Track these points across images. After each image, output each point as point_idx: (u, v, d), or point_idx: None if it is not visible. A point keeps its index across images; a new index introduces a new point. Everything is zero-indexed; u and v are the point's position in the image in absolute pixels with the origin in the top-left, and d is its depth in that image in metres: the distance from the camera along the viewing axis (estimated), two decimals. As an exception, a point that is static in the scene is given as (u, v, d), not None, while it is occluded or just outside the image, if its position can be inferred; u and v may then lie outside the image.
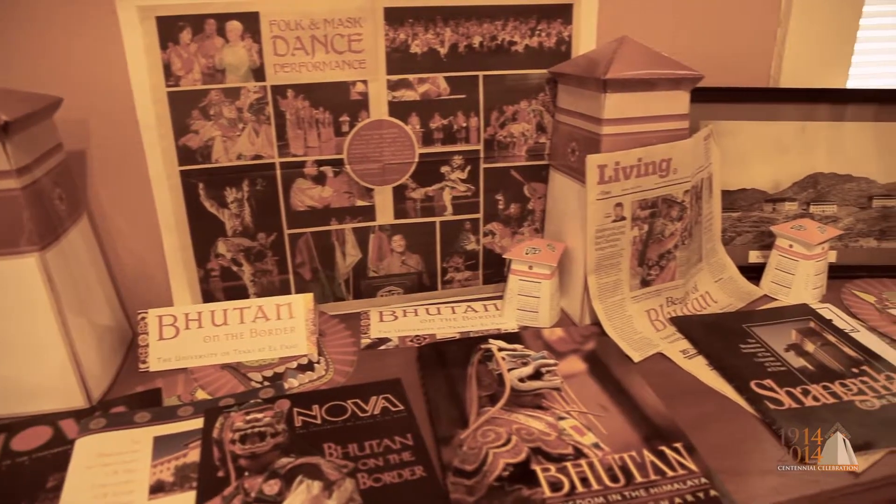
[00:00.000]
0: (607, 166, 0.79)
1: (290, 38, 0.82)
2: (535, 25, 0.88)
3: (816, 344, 0.82)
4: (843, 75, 1.09)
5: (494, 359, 0.76)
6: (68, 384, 0.72)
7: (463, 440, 0.63)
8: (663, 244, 0.86)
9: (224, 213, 0.87)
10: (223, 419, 0.68)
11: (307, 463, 0.62)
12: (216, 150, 0.84)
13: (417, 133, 0.89)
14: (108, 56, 0.80)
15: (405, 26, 0.84)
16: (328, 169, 0.88)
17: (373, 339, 0.85)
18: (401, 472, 0.61)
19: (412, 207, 0.92)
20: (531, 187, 0.95)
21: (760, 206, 1.01)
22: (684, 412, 0.69)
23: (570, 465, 0.60)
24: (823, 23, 1.04)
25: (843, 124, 1.00)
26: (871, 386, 0.73)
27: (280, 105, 0.84)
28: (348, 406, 0.70)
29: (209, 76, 0.81)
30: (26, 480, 0.62)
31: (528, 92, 0.91)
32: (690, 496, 0.56)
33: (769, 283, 0.96)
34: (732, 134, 0.99)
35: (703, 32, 1.00)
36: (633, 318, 0.84)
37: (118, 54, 0.79)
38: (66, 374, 0.72)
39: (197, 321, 0.82)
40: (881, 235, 1.02)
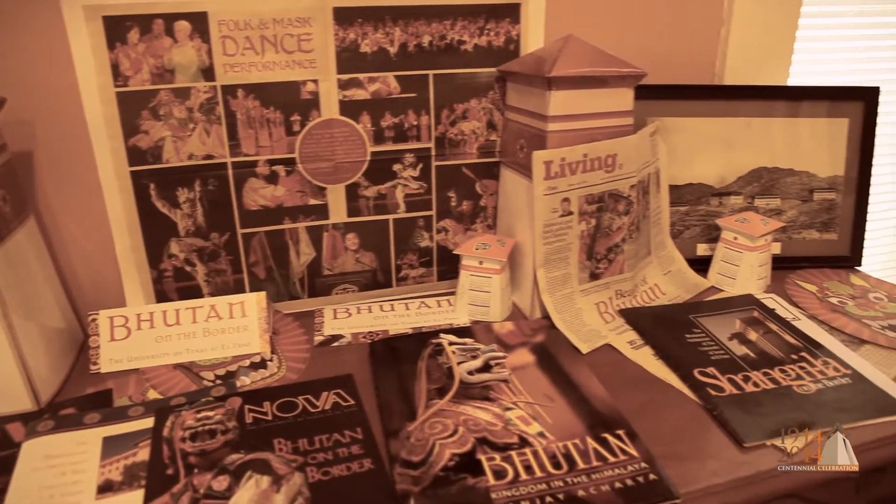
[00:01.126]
0: (553, 162, 0.81)
1: (239, 37, 0.82)
2: (483, 25, 0.89)
3: (759, 332, 0.84)
4: (784, 72, 1.12)
5: (445, 352, 0.77)
6: (15, 387, 0.71)
7: (410, 432, 0.64)
8: (611, 238, 0.88)
9: (176, 213, 0.87)
10: (174, 418, 0.68)
11: (256, 458, 0.62)
12: (167, 151, 0.84)
13: (369, 132, 0.89)
14: (54, 56, 0.80)
15: (355, 26, 0.85)
16: (280, 168, 0.88)
17: (326, 337, 0.86)
18: (349, 466, 0.61)
19: (365, 205, 0.93)
20: (483, 184, 0.96)
21: (707, 200, 1.04)
22: (630, 400, 0.71)
23: (515, 453, 0.61)
24: (764, 22, 1.07)
25: (785, 120, 1.03)
26: (808, 371, 0.76)
27: (231, 105, 0.84)
28: (299, 402, 0.71)
29: (158, 76, 0.81)
30: (-29, 484, 0.61)
31: (478, 90, 0.92)
32: (630, 480, 0.58)
33: (716, 274, 0.99)
34: (679, 130, 1.02)
35: (649, 31, 1.03)
36: (582, 311, 0.86)
37: (64, 54, 0.78)
38: (12, 378, 0.71)
39: (149, 321, 0.82)
40: (822, 227, 1.05)
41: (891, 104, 1.33)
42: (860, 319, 0.89)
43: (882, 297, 0.96)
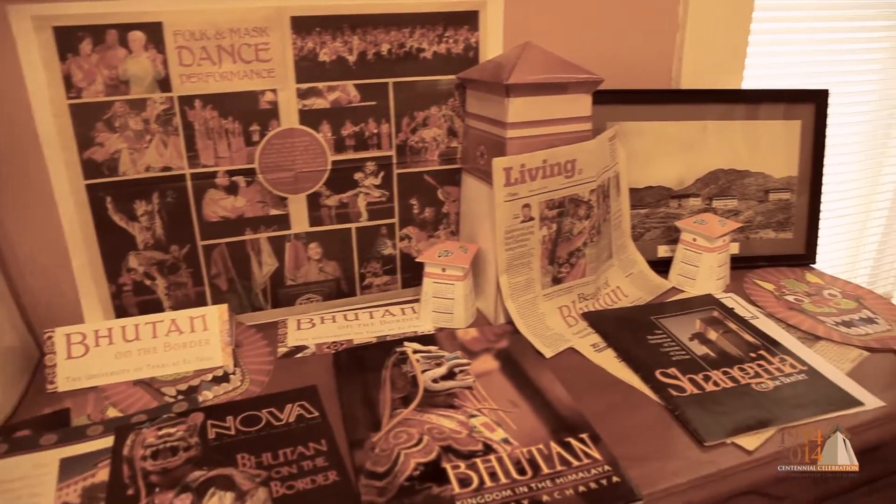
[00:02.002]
0: (513, 168, 0.81)
1: (195, 47, 0.81)
2: (442, 32, 0.90)
3: (719, 332, 0.86)
4: (738, 76, 1.15)
5: (409, 361, 0.77)
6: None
7: (375, 443, 0.64)
8: (572, 242, 0.88)
9: (134, 226, 0.85)
10: (134, 436, 0.67)
11: (220, 475, 0.62)
12: (123, 163, 0.83)
13: (329, 140, 0.89)
14: (4, 68, 0.78)
15: (313, 35, 0.85)
16: (240, 179, 0.87)
17: (290, 348, 0.85)
18: (314, 478, 0.61)
19: (327, 214, 0.92)
20: (445, 191, 0.97)
21: (667, 202, 1.06)
22: (593, 403, 0.72)
23: (480, 461, 0.61)
24: (718, 27, 1.09)
25: (741, 123, 1.06)
26: (766, 369, 0.78)
27: (188, 116, 0.83)
28: (263, 416, 0.70)
29: (113, 87, 0.80)
30: (-78, 512, 0.60)
31: (438, 97, 0.92)
32: (594, 483, 0.59)
33: (676, 275, 1.01)
34: (638, 134, 1.03)
35: (606, 37, 1.04)
36: (545, 316, 0.87)
37: (13, 66, 0.76)
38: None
39: (107, 338, 0.80)
40: (778, 227, 1.08)
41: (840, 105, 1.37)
42: (815, 316, 0.91)
43: (836, 293, 0.98)
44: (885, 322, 0.90)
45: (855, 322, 0.90)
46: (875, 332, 0.87)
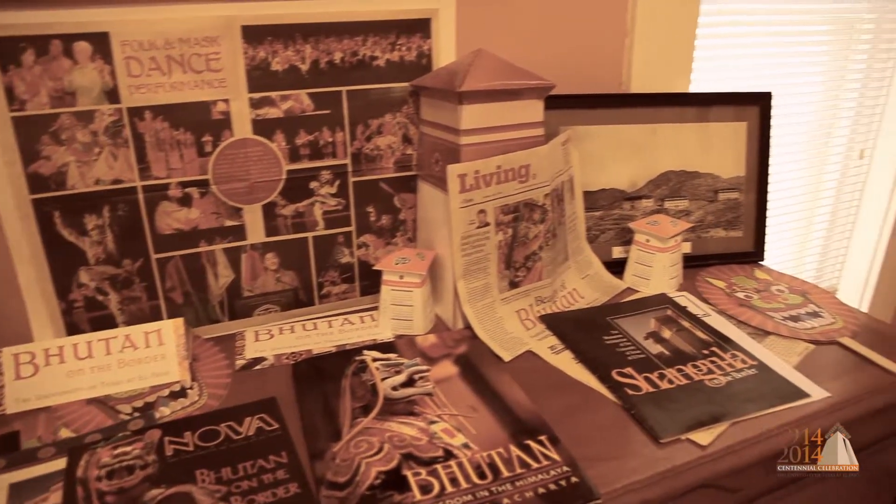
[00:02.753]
0: (468, 175, 0.82)
1: (144, 58, 0.80)
2: (395, 40, 0.90)
3: (672, 330, 0.88)
4: (686, 79, 1.18)
5: (368, 369, 0.77)
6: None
7: (336, 453, 0.64)
8: (528, 246, 0.90)
9: (85, 241, 0.84)
10: (88, 456, 0.66)
11: (178, 492, 0.61)
12: (71, 177, 0.81)
13: (283, 150, 0.89)
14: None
15: (264, 44, 0.84)
16: (193, 190, 0.86)
17: (248, 360, 0.84)
18: (275, 491, 0.61)
19: (283, 224, 0.92)
20: (401, 198, 0.97)
21: (620, 204, 1.08)
22: (552, 405, 0.73)
23: (441, 467, 0.62)
24: (665, 32, 1.12)
25: (689, 125, 1.08)
26: (718, 365, 0.80)
27: (138, 127, 0.82)
28: (222, 430, 0.69)
29: (58, 99, 0.78)
30: None
31: (393, 105, 0.93)
32: (553, 485, 0.60)
33: (631, 276, 1.03)
34: (590, 138, 1.05)
35: (557, 43, 1.05)
36: (503, 320, 0.88)
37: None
38: None
39: (58, 356, 0.78)
40: (728, 226, 1.11)
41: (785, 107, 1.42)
42: (764, 312, 0.94)
43: (783, 289, 1.01)
44: (830, 315, 0.93)
45: (801, 316, 0.93)
46: (820, 326, 0.90)
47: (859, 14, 1.47)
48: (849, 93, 1.53)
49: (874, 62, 1.52)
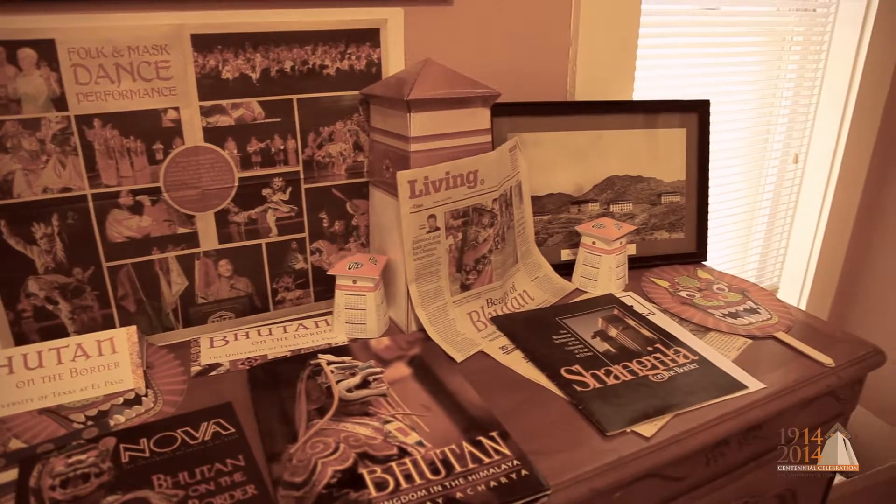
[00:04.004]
0: (417, 181, 0.84)
1: (92, 66, 0.80)
2: (344, 49, 0.92)
3: (619, 329, 0.91)
4: (629, 88, 1.22)
5: (323, 372, 0.78)
6: None
7: (292, 454, 0.65)
8: (478, 250, 0.92)
9: (33, 249, 0.83)
10: (41, 466, 0.65)
11: (135, 498, 0.61)
12: (18, 185, 0.80)
13: (235, 157, 0.89)
14: None
15: (214, 53, 0.85)
16: (145, 198, 0.86)
17: (203, 366, 0.85)
18: (232, 494, 0.61)
19: (236, 231, 0.92)
20: (353, 204, 0.99)
21: (567, 208, 1.11)
22: (503, 403, 0.75)
23: (395, 464, 0.63)
24: (607, 42, 1.16)
25: (632, 131, 1.13)
26: (662, 361, 0.84)
27: (87, 135, 0.82)
28: (178, 435, 0.70)
29: (3, 106, 0.77)
30: None
31: (343, 113, 0.94)
32: (504, 478, 0.62)
33: (579, 277, 1.06)
34: (537, 144, 1.08)
35: (504, 53, 1.08)
36: (455, 321, 0.90)
37: None
38: None
39: (7, 367, 0.77)
40: (671, 228, 1.16)
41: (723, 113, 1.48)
42: (705, 309, 0.98)
43: (724, 287, 1.06)
44: (766, 312, 0.98)
45: (740, 313, 0.97)
46: (757, 322, 0.95)
47: (790, 27, 1.54)
48: (783, 100, 1.61)
49: (805, 71, 1.60)
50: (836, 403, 0.88)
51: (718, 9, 1.43)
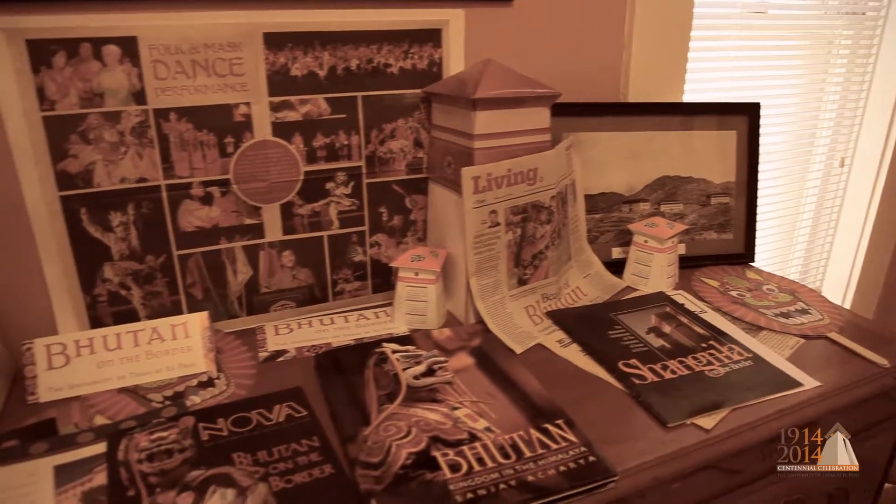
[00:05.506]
0: (481, 177, 0.86)
1: (170, 61, 0.83)
2: (408, 49, 0.94)
3: (672, 325, 0.93)
4: (679, 90, 1.24)
5: (389, 360, 0.81)
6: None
7: (367, 436, 0.67)
8: (535, 245, 0.94)
9: (110, 237, 0.86)
10: (127, 441, 0.69)
11: (218, 473, 0.64)
12: (98, 175, 0.84)
13: (301, 152, 0.92)
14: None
15: (285, 50, 0.88)
16: (215, 189, 0.89)
17: (270, 352, 0.88)
18: (311, 472, 0.64)
19: (300, 223, 0.95)
20: (412, 199, 1.01)
21: (619, 207, 1.13)
22: (563, 394, 0.77)
23: (467, 448, 0.66)
24: (660, 45, 1.18)
25: (683, 133, 1.14)
26: (717, 357, 0.85)
27: (163, 128, 0.85)
28: (253, 416, 0.73)
29: (87, 100, 0.81)
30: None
31: (405, 110, 0.97)
32: (573, 463, 0.64)
33: (630, 275, 1.08)
34: (591, 144, 1.10)
35: (559, 54, 1.10)
36: (513, 315, 0.92)
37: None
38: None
39: (88, 347, 0.81)
40: (720, 228, 1.17)
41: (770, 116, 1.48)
42: (757, 309, 0.99)
43: (773, 288, 1.07)
44: (818, 312, 0.98)
45: (791, 313, 0.98)
46: (809, 322, 0.95)
47: (837, 30, 1.54)
48: (829, 104, 1.60)
49: (852, 75, 1.60)
50: (889, 404, 0.89)
51: (766, 12, 1.44)
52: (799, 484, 0.85)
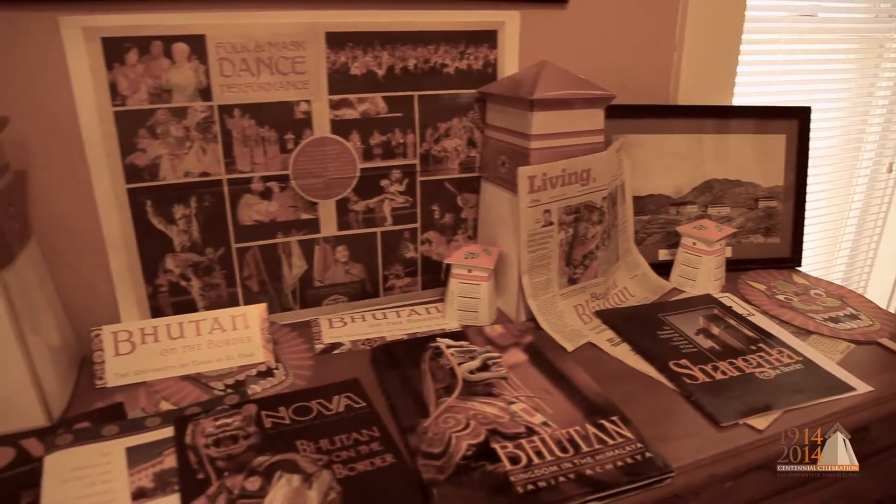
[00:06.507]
0: (536, 177, 0.88)
1: (235, 59, 0.86)
2: (464, 49, 0.96)
3: (720, 327, 0.93)
4: (729, 93, 1.24)
5: (444, 355, 0.83)
6: (28, 403, 0.72)
7: (427, 427, 0.69)
8: (586, 245, 0.95)
9: (172, 229, 0.89)
10: (193, 426, 0.71)
11: (283, 459, 0.66)
12: (164, 168, 0.86)
13: (358, 149, 0.94)
14: (52, 76, 0.80)
15: (345, 49, 0.90)
16: (274, 184, 0.92)
17: (326, 345, 0.90)
18: (373, 461, 0.66)
19: (354, 219, 0.97)
20: (464, 198, 1.03)
21: (666, 209, 1.14)
22: (615, 391, 0.78)
23: (525, 441, 0.67)
24: (711, 48, 1.18)
25: (732, 136, 1.14)
26: (766, 360, 0.85)
27: (227, 124, 0.87)
28: (313, 406, 0.75)
29: (156, 96, 0.84)
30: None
31: (460, 110, 0.98)
32: (630, 459, 0.65)
33: (677, 276, 1.08)
34: (640, 146, 1.11)
35: (610, 56, 1.11)
36: (563, 313, 0.93)
37: (62, 74, 0.80)
38: (26, 394, 0.72)
39: (153, 335, 0.84)
40: (766, 232, 1.16)
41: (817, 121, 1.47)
42: (805, 313, 0.99)
43: (821, 293, 1.07)
44: (868, 318, 0.98)
45: (841, 318, 0.98)
46: (859, 327, 0.95)
47: (888, 33, 1.52)
48: (878, 108, 1.59)
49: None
50: (942, 412, 0.88)
51: (815, 15, 1.43)
52: (849, 488, 0.85)
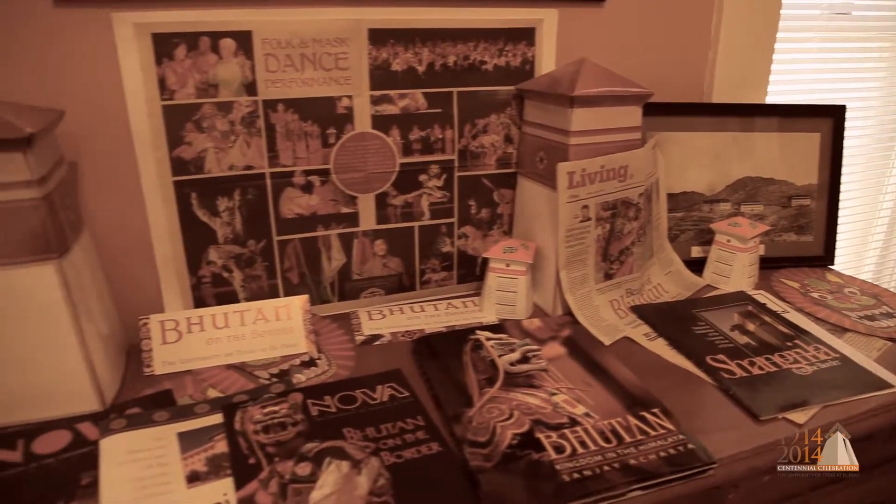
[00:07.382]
0: (575, 173, 0.89)
1: (280, 55, 0.87)
2: (502, 47, 0.97)
3: (756, 324, 0.94)
4: (763, 91, 1.24)
5: (484, 347, 0.84)
6: (83, 388, 0.75)
7: (471, 417, 0.71)
8: (622, 241, 0.96)
9: (216, 221, 0.91)
10: (241, 413, 0.73)
11: (332, 446, 0.68)
12: (209, 162, 0.88)
13: (398, 144, 0.96)
14: (103, 70, 0.82)
15: (387, 46, 0.91)
16: (315, 178, 0.94)
17: (367, 336, 0.91)
18: (419, 449, 0.67)
19: (393, 213, 0.99)
20: (500, 193, 1.04)
21: (699, 206, 1.14)
22: (654, 384, 0.79)
23: (568, 431, 0.68)
24: (746, 46, 1.18)
25: (766, 134, 1.14)
26: (803, 356, 0.86)
27: (271, 118, 0.89)
28: (357, 395, 0.76)
29: (203, 90, 0.86)
30: (59, 480, 0.65)
31: (497, 106, 1.00)
32: (672, 450, 0.66)
33: (710, 273, 1.09)
34: (673, 143, 1.11)
35: (645, 54, 1.12)
36: (599, 308, 0.94)
37: (113, 69, 0.82)
38: (81, 379, 0.74)
39: (199, 325, 0.86)
40: (800, 230, 1.17)
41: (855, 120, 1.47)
42: (840, 311, 0.99)
43: (855, 291, 1.07)
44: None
45: (876, 316, 0.98)
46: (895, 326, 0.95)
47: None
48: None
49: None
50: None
51: (849, 14, 1.42)
52: (884, 486, 0.85)
